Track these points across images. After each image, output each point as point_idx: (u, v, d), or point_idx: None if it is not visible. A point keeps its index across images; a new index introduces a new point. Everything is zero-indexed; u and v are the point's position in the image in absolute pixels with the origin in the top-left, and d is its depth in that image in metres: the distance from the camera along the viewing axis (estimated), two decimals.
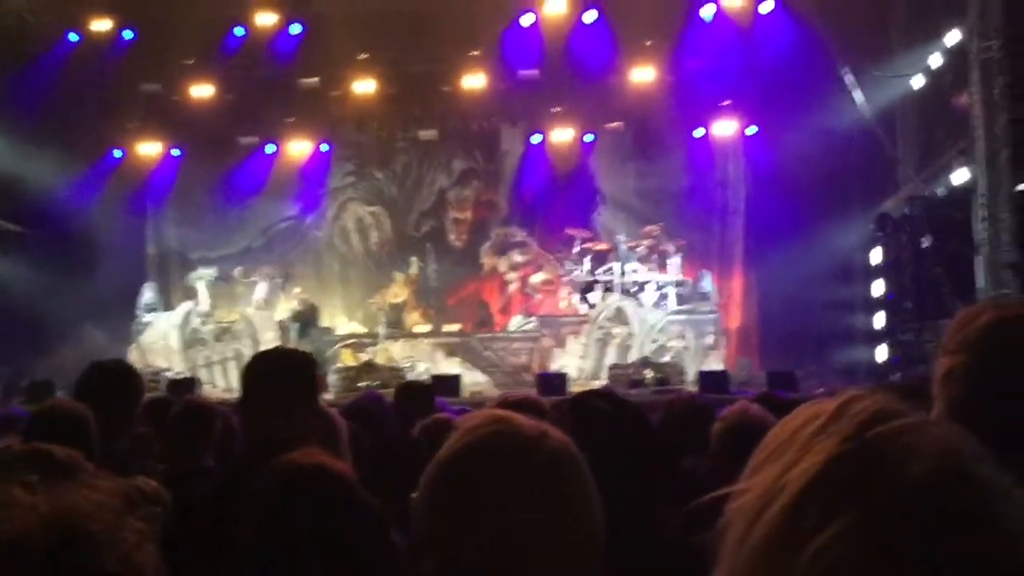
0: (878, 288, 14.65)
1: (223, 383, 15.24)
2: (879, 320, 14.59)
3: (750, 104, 16.17)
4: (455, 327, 16.70)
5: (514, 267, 17.88)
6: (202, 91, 16.54)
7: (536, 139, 17.38)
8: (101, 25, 16.10)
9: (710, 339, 15.30)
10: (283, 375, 2.95)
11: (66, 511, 0.94)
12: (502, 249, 17.96)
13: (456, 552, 1.24)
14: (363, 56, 16.51)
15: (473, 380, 15.14)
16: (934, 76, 13.98)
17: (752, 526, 0.74)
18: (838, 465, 0.72)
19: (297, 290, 16.21)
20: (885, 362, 14.20)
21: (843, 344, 15.02)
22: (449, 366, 15.23)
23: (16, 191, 15.34)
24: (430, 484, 1.31)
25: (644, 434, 2.36)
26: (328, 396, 11.66)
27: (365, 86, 16.65)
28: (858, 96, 14.54)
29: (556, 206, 17.45)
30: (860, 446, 0.73)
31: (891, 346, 14.18)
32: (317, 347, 14.07)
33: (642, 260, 15.99)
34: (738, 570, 0.74)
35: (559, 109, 16.87)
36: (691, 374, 13.74)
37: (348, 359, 15.39)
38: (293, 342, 14.09)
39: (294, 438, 2.74)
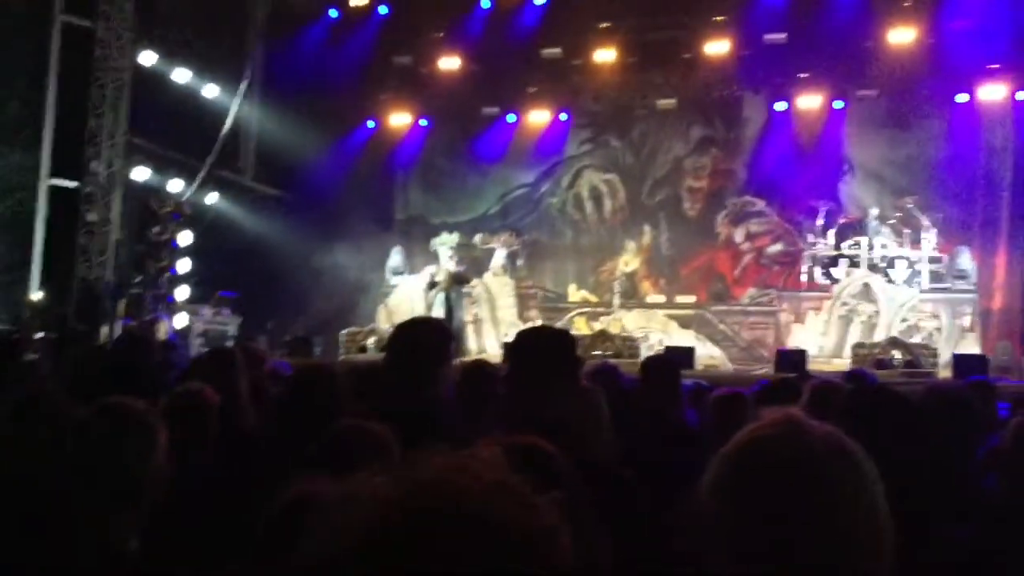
0: None
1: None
2: None
3: (1022, 67, 14.81)
4: (689, 298, 16.51)
5: (750, 237, 17.43)
6: (449, 63, 17.16)
7: (780, 106, 16.78)
8: (358, 1, 17.01)
9: (966, 320, 14.28)
10: (545, 352, 3.00)
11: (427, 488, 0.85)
12: (738, 218, 17.54)
13: (747, 545, 1.28)
14: (604, 25, 16.52)
15: (707, 353, 14.94)
16: None
17: None
18: None
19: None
20: None
21: None
22: (683, 338, 15.09)
23: (277, 158, 16.59)
24: (725, 471, 1.34)
25: None
26: None
27: (606, 55, 16.66)
28: None
29: (799, 175, 16.78)
30: None
31: None
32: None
33: (893, 234, 15.12)
34: None
35: (806, 75, 16.17)
36: (944, 357, 12.90)
37: (582, 327, 15.58)
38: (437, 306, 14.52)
39: (555, 416, 2.82)
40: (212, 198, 16.06)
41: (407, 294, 16.30)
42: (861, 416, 2.93)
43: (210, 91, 15.85)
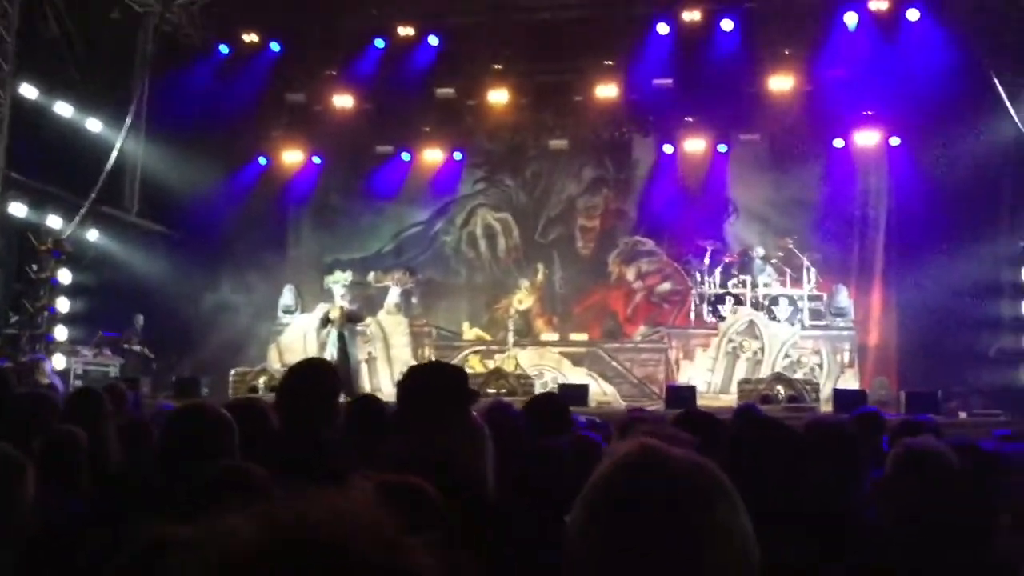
0: None
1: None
2: None
3: (894, 115, 15.63)
4: (582, 336, 16.71)
5: (641, 276, 17.79)
6: (343, 101, 17.12)
7: (668, 149, 17.26)
8: (250, 38, 16.84)
9: (845, 356, 14.84)
10: (436, 388, 3.00)
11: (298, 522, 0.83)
12: (630, 257, 17.90)
13: None
14: (497, 67, 16.74)
15: (600, 390, 15.10)
16: None
17: None
18: None
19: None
20: None
21: (989, 365, 14.33)
22: (576, 375, 15.23)
23: (164, 195, 16.18)
24: (584, 509, 1.30)
25: None
26: None
27: (499, 96, 16.88)
28: (1010, 107, 13.85)
29: (686, 216, 17.27)
30: None
31: None
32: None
33: (776, 273, 15.65)
34: None
35: (692, 119, 16.70)
36: (825, 391, 13.36)
37: (477, 365, 15.58)
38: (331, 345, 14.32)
39: (445, 452, 2.82)
40: (93, 235, 15.53)
41: (299, 333, 16.02)
42: (745, 450, 3.00)
43: (93, 125, 15.40)
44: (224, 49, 16.98)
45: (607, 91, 16.59)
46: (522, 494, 3.51)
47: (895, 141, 16.01)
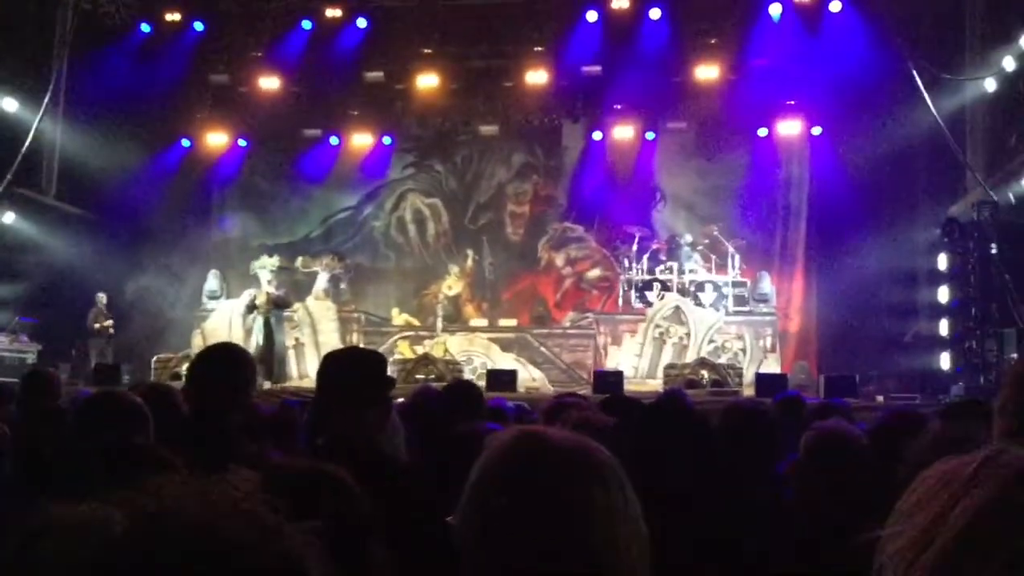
0: (943, 294, 14.36)
1: None
2: (943, 327, 14.31)
3: (816, 104, 15.97)
4: (511, 322, 16.77)
5: (571, 262, 17.91)
6: (269, 83, 16.83)
7: (597, 136, 17.38)
8: (172, 17, 16.46)
9: (768, 341, 15.15)
10: (356, 374, 2.99)
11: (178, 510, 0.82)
12: (559, 244, 18.01)
13: (494, 569, 1.24)
14: (427, 51, 16.64)
15: (529, 376, 15.17)
16: (1007, 80, 13.60)
17: (910, 567, 0.83)
18: (992, 515, 0.81)
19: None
20: (948, 370, 13.94)
21: (905, 351, 14.78)
22: (504, 361, 15.28)
23: (83, 177, 15.75)
24: (468, 499, 1.30)
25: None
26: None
27: (428, 80, 16.78)
28: (928, 98, 14.23)
29: (615, 203, 17.44)
30: (1009, 499, 0.81)
31: (954, 354, 13.90)
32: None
33: (702, 259, 15.90)
34: None
35: (621, 106, 16.82)
36: (748, 376, 13.62)
37: (405, 351, 15.53)
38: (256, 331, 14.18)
39: (362, 435, 2.83)
40: (9, 217, 15.06)
41: (224, 318, 15.77)
42: (668, 435, 3.03)
43: (9, 105, 14.90)
44: (146, 28, 16.55)
45: (537, 77, 16.61)
46: (453, 480, 3.51)
47: (817, 130, 16.37)
